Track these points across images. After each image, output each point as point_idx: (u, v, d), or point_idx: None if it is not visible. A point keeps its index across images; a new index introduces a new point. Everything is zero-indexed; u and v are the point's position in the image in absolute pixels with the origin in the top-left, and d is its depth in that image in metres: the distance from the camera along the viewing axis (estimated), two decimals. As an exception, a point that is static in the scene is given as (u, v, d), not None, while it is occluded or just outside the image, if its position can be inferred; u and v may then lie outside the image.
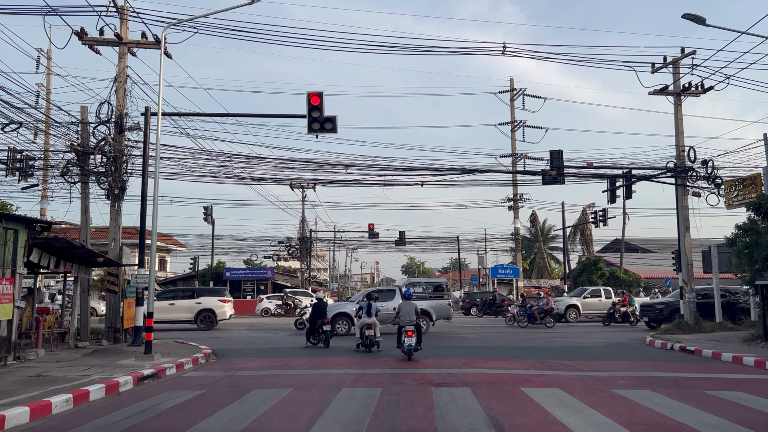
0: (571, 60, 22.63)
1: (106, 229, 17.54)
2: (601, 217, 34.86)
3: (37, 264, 12.92)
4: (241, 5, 14.33)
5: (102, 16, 16.20)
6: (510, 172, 31.30)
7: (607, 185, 22.25)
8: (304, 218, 45.33)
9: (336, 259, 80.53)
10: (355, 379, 10.24)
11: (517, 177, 32.35)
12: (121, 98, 16.64)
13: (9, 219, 11.93)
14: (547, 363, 12.39)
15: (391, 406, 7.72)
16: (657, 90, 21.36)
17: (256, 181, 23.64)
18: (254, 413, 7.40)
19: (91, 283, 17.12)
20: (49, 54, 29.99)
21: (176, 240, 50.72)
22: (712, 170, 20.89)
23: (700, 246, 22.34)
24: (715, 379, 10.30)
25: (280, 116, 17.24)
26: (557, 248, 59.30)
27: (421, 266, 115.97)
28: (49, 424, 7.10)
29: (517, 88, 40.61)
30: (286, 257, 54.41)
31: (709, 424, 6.62)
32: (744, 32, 16.35)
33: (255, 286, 40.67)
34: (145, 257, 14.94)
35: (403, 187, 25.44)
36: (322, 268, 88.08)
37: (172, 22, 15.21)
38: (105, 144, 16.64)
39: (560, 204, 41.96)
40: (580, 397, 8.26)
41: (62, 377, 9.93)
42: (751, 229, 15.31)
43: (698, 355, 13.74)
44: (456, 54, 22.95)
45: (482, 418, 6.94)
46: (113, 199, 16.72)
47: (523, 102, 40.02)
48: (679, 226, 21.45)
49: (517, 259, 44.29)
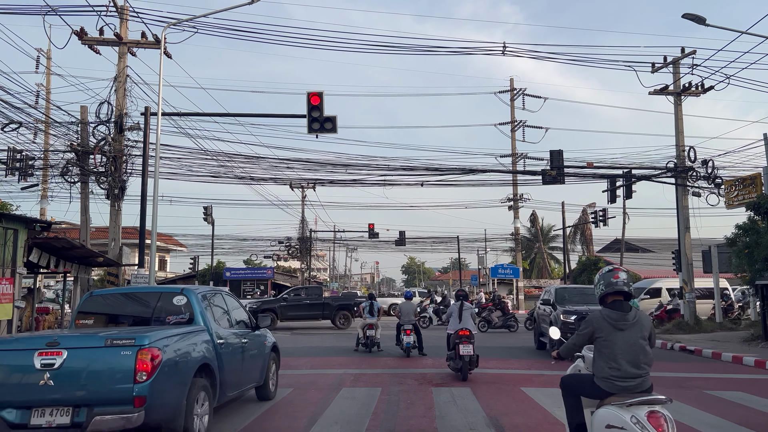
0: (571, 60, 22.73)
1: (106, 229, 17.56)
2: (601, 217, 34.83)
3: (37, 264, 12.92)
4: (241, 5, 14.35)
5: (102, 16, 16.22)
6: (510, 172, 31.32)
7: (607, 185, 22.24)
8: (304, 218, 45.34)
9: (336, 259, 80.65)
10: (355, 379, 10.25)
11: (517, 177, 32.37)
12: (121, 98, 16.64)
13: (9, 219, 11.92)
14: (547, 363, 12.38)
15: (391, 406, 7.73)
16: (657, 90, 21.35)
17: (256, 181, 23.67)
18: (254, 413, 7.40)
19: (91, 283, 17.11)
20: (49, 54, 29.99)
21: (176, 240, 50.68)
22: (712, 170, 20.89)
23: (700, 246, 22.33)
24: (715, 379, 10.30)
25: (280, 116, 17.34)
26: (557, 248, 59.28)
27: (421, 266, 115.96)
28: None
29: (517, 88, 40.61)
30: (286, 257, 54.38)
31: (709, 424, 6.63)
32: (744, 32, 16.35)
33: (255, 286, 40.66)
34: (145, 257, 14.95)
35: (403, 187, 25.50)
36: (322, 268, 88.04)
37: (172, 22, 15.23)
38: (105, 144, 16.65)
39: (560, 204, 41.95)
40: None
41: (62, 377, 9.90)
42: (751, 229, 15.31)
43: (698, 354, 13.74)
44: (456, 54, 23.02)
45: (482, 418, 6.94)
46: (113, 199, 16.72)
47: (523, 102, 40.03)
48: (679, 226, 21.45)
49: (517, 259, 44.31)
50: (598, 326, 4.26)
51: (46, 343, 5.16)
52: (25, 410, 5.04)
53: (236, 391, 7.09)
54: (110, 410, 4.97)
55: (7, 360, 5.21)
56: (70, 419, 4.99)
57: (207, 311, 6.73)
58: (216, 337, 6.53)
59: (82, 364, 5.12)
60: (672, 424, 3.85)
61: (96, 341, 5.31)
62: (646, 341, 4.21)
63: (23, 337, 5.95)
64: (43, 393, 5.01)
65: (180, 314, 6.55)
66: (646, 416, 3.82)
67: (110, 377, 5.08)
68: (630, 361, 4.11)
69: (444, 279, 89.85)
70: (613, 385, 4.11)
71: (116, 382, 5.06)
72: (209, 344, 6.33)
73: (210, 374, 6.18)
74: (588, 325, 4.32)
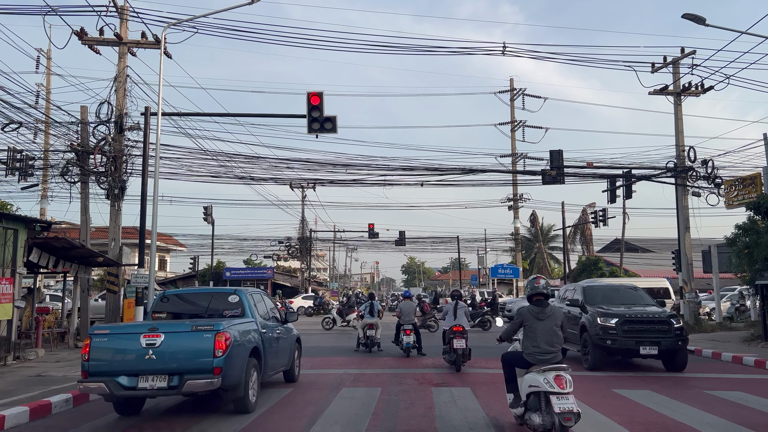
0: (571, 60, 22.75)
1: (106, 229, 17.54)
2: (601, 217, 34.80)
3: (37, 264, 12.92)
4: (241, 5, 14.34)
5: (102, 16, 16.21)
6: (510, 171, 31.31)
7: (607, 185, 22.24)
8: (304, 218, 45.35)
9: (336, 259, 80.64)
10: (355, 379, 10.25)
11: (517, 177, 32.37)
12: (121, 98, 16.64)
13: (9, 219, 11.93)
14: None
15: (391, 406, 7.72)
16: (657, 90, 21.36)
17: (256, 181, 23.68)
18: (254, 413, 7.40)
19: (90, 283, 17.11)
20: (49, 54, 29.97)
21: (176, 240, 50.65)
22: (712, 170, 20.89)
23: (700, 246, 22.33)
24: (715, 379, 10.29)
25: (280, 116, 17.35)
26: (557, 248, 59.26)
27: (421, 266, 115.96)
28: (49, 424, 7.10)
29: (516, 88, 40.60)
30: (286, 257, 54.39)
31: (709, 424, 6.63)
32: (744, 32, 16.35)
33: (255, 286, 40.66)
34: (145, 257, 14.94)
35: (403, 187, 25.57)
36: (322, 268, 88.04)
37: (172, 22, 15.22)
38: (105, 144, 16.64)
39: (560, 204, 41.93)
40: (579, 397, 8.21)
41: (62, 377, 9.93)
42: (751, 229, 15.29)
43: (698, 354, 13.73)
44: (456, 54, 23.01)
45: (482, 418, 6.94)
46: (113, 199, 16.71)
47: (523, 102, 40.02)
48: (679, 226, 21.44)
49: (517, 259, 44.30)
50: (525, 317, 6.08)
51: (148, 329, 6.82)
52: (133, 377, 6.68)
53: (273, 372, 8.73)
54: (197, 377, 6.60)
55: (121, 341, 6.93)
56: (166, 384, 6.65)
57: (253, 307, 8.40)
58: (261, 327, 8.16)
59: (175, 344, 6.77)
60: (570, 382, 5.57)
61: (185, 327, 6.99)
62: (558, 328, 5.97)
63: (132, 324, 8.21)
64: (147, 365, 6.68)
65: (234, 309, 8.28)
66: (553, 378, 5.55)
67: (196, 353, 6.73)
68: (547, 342, 5.88)
69: (444, 279, 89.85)
70: (535, 358, 5.88)
71: (200, 356, 6.70)
72: (257, 333, 7.95)
73: (258, 356, 7.77)
74: (519, 317, 6.18)
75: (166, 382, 6.63)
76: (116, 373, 6.68)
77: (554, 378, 5.54)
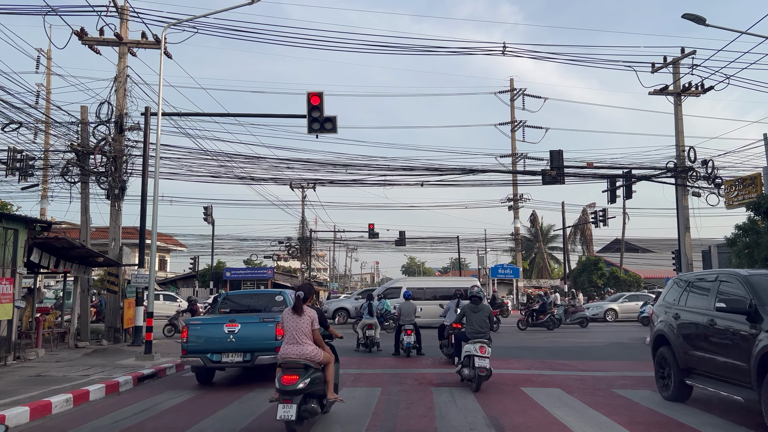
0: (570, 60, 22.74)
1: (106, 229, 17.55)
2: (601, 217, 34.85)
3: (37, 264, 12.92)
4: (241, 5, 14.33)
5: (102, 16, 16.22)
6: (510, 172, 31.33)
7: (607, 185, 22.26)
8: (304, 218, 45.34)
9: (336, 259, 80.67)
10: (355, 379, 10.25)
11: (517, 177, 32.38)
12: (121, 98, 16.64)
13: (9, 219, 11.93)
14: (547, 363, 12.39)
15: (391, 406, 7.72)
16: (657, 90, 21.37)
17: (256, 181, 23.68)
18: (254, 413, 7.41)
19: (90, 283, 17.11)
20: (49, 54, 30.02)
21: (176, 240, 50.69)
22: (712, 170, 20.91)
23: (700, 246, 22.36)
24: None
25: (280, 116, 17.35)
26: (557, 248, 59.31)
27: (421, 266, 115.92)
28: (49, 424, 7.09)
29: (516, 88, 40.65)
30: (286, 257, 54.39)
31: (709, 424, 6.63)
32: (744, 32, 16.36)
33: (255, 286, 40.61)
34: (145, 257, 14.94)
35: (403, 187, 25.55)
36: (322, 268, 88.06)
37: (172, 22, 15.21)
38: (105, 144, 16.64)
39: (560, 204, 41.97)
40: (580, 397, 8.26)
41: (62, 377, 9.93)
42: (751, 229, 15.31)
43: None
44: (455, 54, 23.02)
45: (482, 418, 6.94)
46: (113, 199, 16.72)
47: (523, 102, 40.08)
48: (679, 226, 21.45)
49: (517, 259, 44.32)
50: (466, 311, 9.69)
51: (229, 320, 9.48)
52: (218, 354, 9.34)
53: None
54: (265, 354, 9.23)
55: (210, 329, 9.58)
56: (242, 359, 9.36)
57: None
58: None
59: (248, 331, 9.41)
60: (489, 349, 8.94)
61: (254, 319, 9.69)
62: (486, 318, 9.48)
63: (216, 317, 10.31)
64: (228, 345, 9.32)
65: (280, 306, 10.92)
66: (478, 348, 8.83)
67: (263, 337, 9.39)
68: (479, 325, 9.37)
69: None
70: (471, 335, 9.30)
71: (266, 339, 9.35)
72: None
73: None
74: (463, 310, 9.86)
75: (242, 357, 9.27)
76: (207, 351, 9.31)
77: (479, 347, 8.76)
